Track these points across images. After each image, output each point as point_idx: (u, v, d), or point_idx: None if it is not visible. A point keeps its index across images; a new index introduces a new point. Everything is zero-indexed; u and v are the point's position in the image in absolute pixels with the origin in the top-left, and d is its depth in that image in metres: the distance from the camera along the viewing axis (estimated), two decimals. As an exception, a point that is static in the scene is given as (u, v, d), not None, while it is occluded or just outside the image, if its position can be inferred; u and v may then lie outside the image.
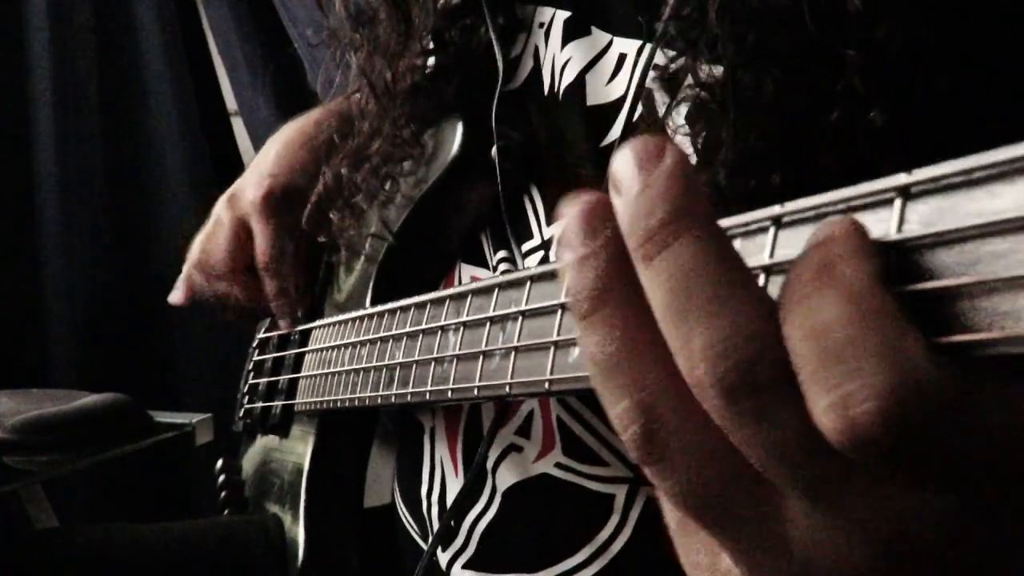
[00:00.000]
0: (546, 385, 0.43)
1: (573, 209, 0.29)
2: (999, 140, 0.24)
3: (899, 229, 0.26)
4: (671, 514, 0.31)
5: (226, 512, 0.95)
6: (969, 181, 0.24)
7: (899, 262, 0.25)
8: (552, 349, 0.43)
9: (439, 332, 0.57)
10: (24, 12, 1.89)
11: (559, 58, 0.65)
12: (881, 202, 0.26)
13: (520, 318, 0.46)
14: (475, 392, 0.51)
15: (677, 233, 0.26)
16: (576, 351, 0.41)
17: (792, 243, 0.29)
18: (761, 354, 0.25)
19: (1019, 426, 0.24)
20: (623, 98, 0.59)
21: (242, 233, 0.91)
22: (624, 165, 0.28)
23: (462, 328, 0.54)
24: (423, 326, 0.59)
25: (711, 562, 0.30)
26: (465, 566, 0.68)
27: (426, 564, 0.68)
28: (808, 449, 0.25)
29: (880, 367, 0.23)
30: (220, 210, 0.93)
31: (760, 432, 0.26)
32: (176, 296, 0.98)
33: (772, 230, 0.30)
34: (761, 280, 0.30)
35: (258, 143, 1.68)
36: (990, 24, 0.44)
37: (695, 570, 0.31)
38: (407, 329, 0.62)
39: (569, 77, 0.63)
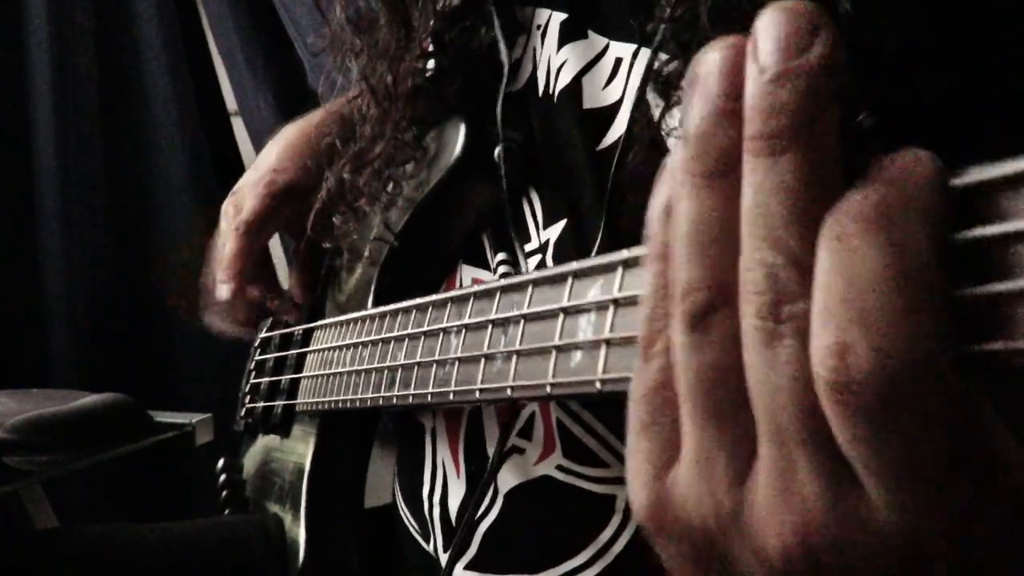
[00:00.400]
0: (547, 389, 0.43)
1: (717, 54, 0.27)
2: (990, 142, 0.23)
3: (975, 224, 0.24)
4: (639, 410, 0.31)
5: (227, 512, 0.95)
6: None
7: (954, 256, 0.24)
8: (554, 353, 0.43)
9: (441, 334, 0.57)
10: (24, 12, 1.89)
11: (555, 60, 0.65)
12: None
13: (522, 321, 0.46)
14: (476, 395, 0.51)
15: (786, 147, 0.25)
16: (578, 355, 0.41)
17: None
18: (798, 292, 0.25)
19: (1009, 464, 0.24)
20: (619, 102, 0.59)
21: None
22: (771, 31, 0.25)
23: (464, 330, 0.54)
24: (425, 328, 0.59)
25: (662, 464, 0.30)
26: (467, 567, 0.68)
27: (445, 573, 0.68)
28: (793, 398, 0.25)
29: (897, 331, 0.22)
30: (224, 210, 0.94)
31: (766, 362, 0.26)
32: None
33: None
34: None
35: (258, 143, 1.68)
36: (981, 25, 0.45)
37: (638, 468, 0.31)
38: (409, 331, 0.62)
39: (565, 80, 0.63)
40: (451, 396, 0.54)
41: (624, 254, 0.39)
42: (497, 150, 0.66)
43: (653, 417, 0.30)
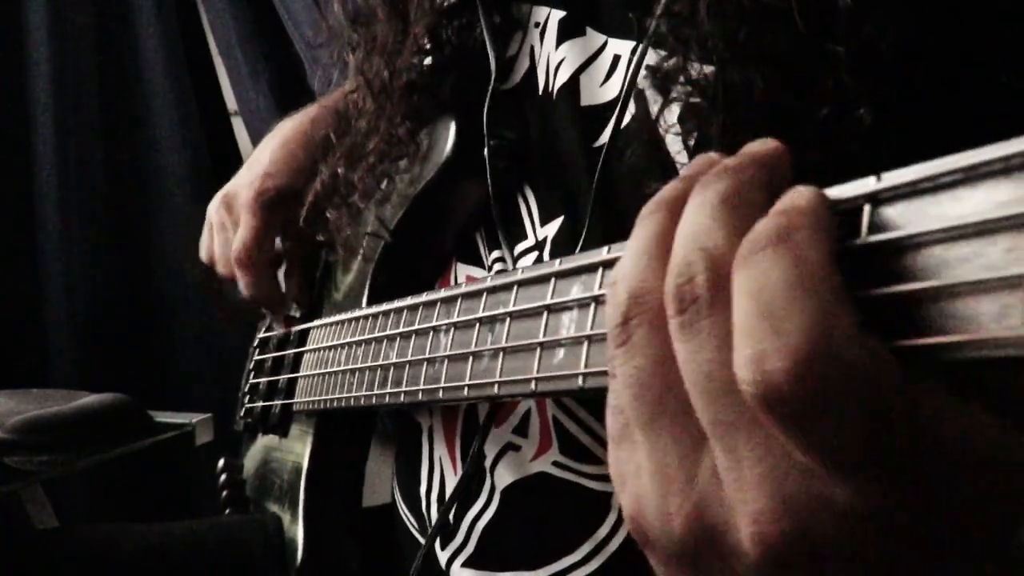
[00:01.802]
0: (532, 385, 0.44)
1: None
2: (986, 136, 0.24)
3: (868, 233, 0.26)
4: (611, 422, 0.32)
5: (227, 512, 0.95)
6: (936, 186, 0.25)
7: (864, 264, 0.26)
8: (538, 350, 0.43)
9: (431, 333, 0.57)
10: (24, 12, 1.89)
11: (553, 58, 0.65)
12: (851, 210, 0.27)
13: (508, 319, 0.47)
14: (464, 392, 0.52)
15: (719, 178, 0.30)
16: (561, 352, 0.42)
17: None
18: (703, 272, 0.28)
19: (950, 439, 0.25)
20: (617, 99, 0.59)
21: (232, 232, 0.91)
22: None
23: (452, 329, 0.54)
24: (415, 327, 0.59)
25: (634, 472, 0.31)
26: (465, 564, 0.68)
27: (423, 557, 0.68)
28: (720, 388, 0.27)
29: (805, 332, 0.24)
30: (212, 211, 0.93)
31: (688, 351, 0.28)
32: None
33: None
34: None
35: (258, 143, 1.67)
36: (978, 21, 0.45)
37: (619, 479, 0.32)
38: (400, 330, 0.62)
39: (563, 77, 0.63)
40: (440, 394, 0.55)
41: (603, 254, 0.40)
42: (487, 148, 0.67)
43: (623, 430, 0.32)
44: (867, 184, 0.27)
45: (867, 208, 0.26)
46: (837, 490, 0.26)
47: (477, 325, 0.51)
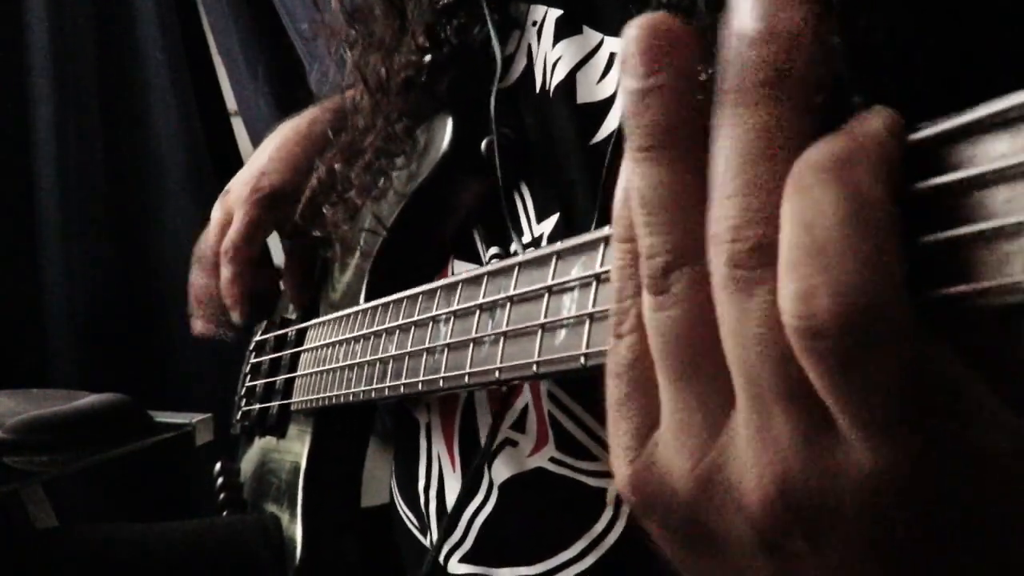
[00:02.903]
0: (534, 368, 0.43)
1: (639, 30, 0.28)
2: None
3: (919, 180, 0.25)
4: (616, 384, 0.31)
5: (225, 513, 0.95)
6: (979, 129, 0.24)
7: (911, 206, 0.25)
8: (539, 332, 0.43)
9: (430, 323, 0.57)
10: (24, 12, 1.89)
11: (550, 56, 0.65)
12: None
13: (508, 304, 0.47)
14: (466, 380, 0.51)
15: (774, 98, 0.26)
16: (563, 334, 0.41)
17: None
18: (758, 224, 0.26)
19: (980, 415, 0.24)
20: (613, 97, 0.59)
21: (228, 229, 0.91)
22: None
23: (452, 318, 0.54)
24: (415, 318, 0.59)
25: (642, 435, 0.30)
26: (463, 559, 0.68)
27: (430, 564, 0.68)
28: (768, 344, 0.26)
29: (856, 271, 0.23)
30: (215, 210, 0.94)
31: (735, 310, 0.26)
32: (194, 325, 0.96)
33: None
34: None
35: (258, 143, 1.67)
36: (974, 12, 0.45)
37: (619, 442, 0.31)
38: (399, 322, 0.62)
39: (560, 75, 0.63)
40: (441, 383, 0.55)
41: (606, 231, 0.40)
42: (484, 144, 0.67)
43: (629, 392, 0.31)
44: (934, 125, 0.25)
45: (934, 148, 0.25)
46: (862, 457, 0.25)
47: (477, 312, 0.51)
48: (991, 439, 0.25)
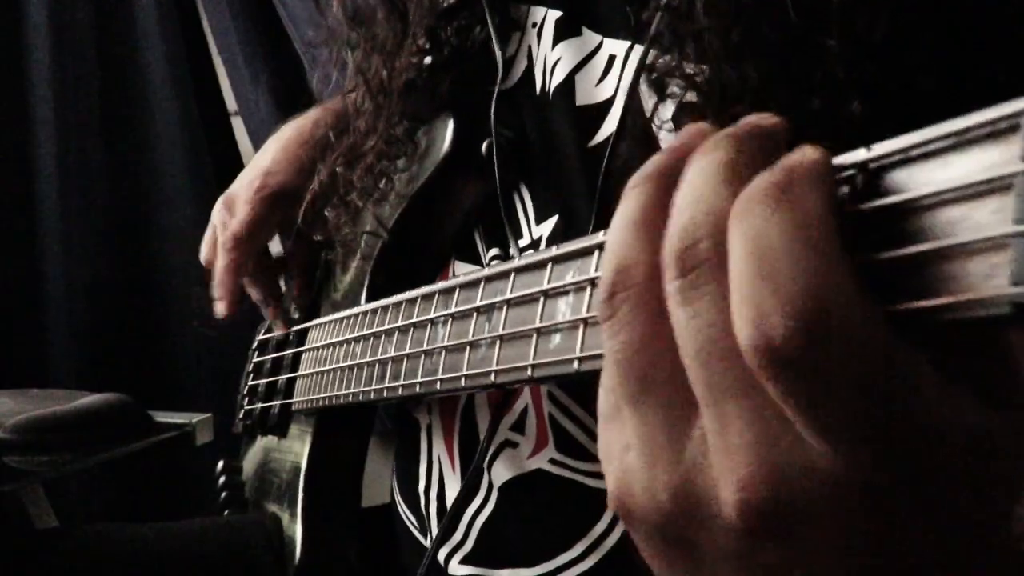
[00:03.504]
0: (528, 371, 0.44)
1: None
2: None
3: (860, 200, 0.27)
4: (602, 401, 0.32)
5: (226, 513, 0.95)
6: (925, 153, 0.25)
7: (855, 231, 0.26)
8: (534, 336, 0.44)
9: (428, 325, 0.57)
10: (24, 12, 1.89)
11: (550, 58, 0.65)
12: (844, 179, 0.27)
13: (505, 307, 0.47)
14: (462, 382, 0.52)
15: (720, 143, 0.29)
16: (557, 337, 0.42)
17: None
18: (704, 238, 0.27)
19: (938, 416, 0.25)
20: (612, 98, 0.59)
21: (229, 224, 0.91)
22: None
23: (450, 320, 0.54)
24: (413, 320, 0.60)
25: (621, 450, 0.31)
26: (463, 561, 0.69)
27: (428, 563, 0.68)
28: (719, 357, 0.27)
29: (807, 292, 0.24)
30: (215, 212, 0.94)
31: (682, 319, 0.28)
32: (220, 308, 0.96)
33: None
34: None
35: (258, 143, 1.68)
36: (969, 12, 0.45)
37: (606, 459, 0.32)
38: (398, 324, 0.62)
39: (559, 77, 0.64)
40: (438, 385, 0.55)
41: (600, 237, 0.40)
42: (484, 145, 0.67)
43: (614, 409, 0.31)
44: (858, 154, 0.27)
45: (859, 177, 0.27)
46: (824, 459, 0.26)
47: (475, 315, 0.51)
48: (947, 436, 0.25)
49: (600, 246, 0.40)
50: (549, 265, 0.44)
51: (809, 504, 0.26)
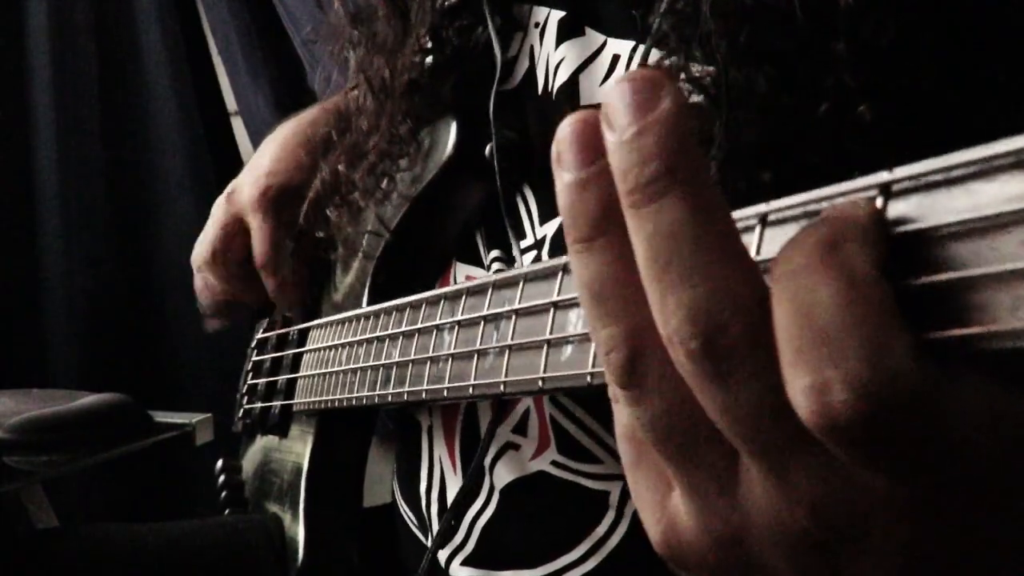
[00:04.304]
0: (539, 383, 0.43)
1: (569, 128, 0.29)
2: (988, 133, 0.24)
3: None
4: (625, 448, 0.31)
5: (227, 512, 0.95)
6: (949, 179, 0.24)
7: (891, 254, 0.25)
8: (545, 347, 0.43)
9: (434, 331, 0.57)
10: (24, 12, 1.89)
11: (553, 58, 0.65)
12: (863, 200, 0.26)
13: (513, 317, 0.47)
14: (470, 391, 0.51)
15: (665, 190, 0.26)
16: (569, 350, 0.41)
17: (778, 241, 0.29)
18: (732, 322, 0.25)
19: (984, 427, 0.24)
20: None
21: (234, 230, 0.91)
22: (619, 100, 0.26)
23: (457, 327, 0.54)
24: (419, 325, 0.59)
25: (661, 497, 0.30)
26: (464, 563, 0.68)
27: (428, 564, 0.68)
28: (769, 419, 0.26)
29: (866, 359, 0.23)
30: (216, 209, 0.94)
31: (720, 397, 0.26)
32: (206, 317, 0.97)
33: (758, 228, 0.30)
34: None
35: (258, 143, 1.67)
36: (978, 19, 0.45)
37: (643, 504, 0.31)
38: (403, 328, 0.62)
39: (563, 77, 0.63)
40: (445, 392, 0.55)
41: None
42: (488, 147, 0.67)
43: (638, 456, 0.31)
44: (880, 176, 0.26)
45: (879, 200, 0.26)
46: (879, 489, 0.26)
47: (482, 323, 0.50)
48: (992, 470, 0.25)
49: None
50: (560, 274, 0.43)
51: (867, 530, 0.26)
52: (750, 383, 0.25)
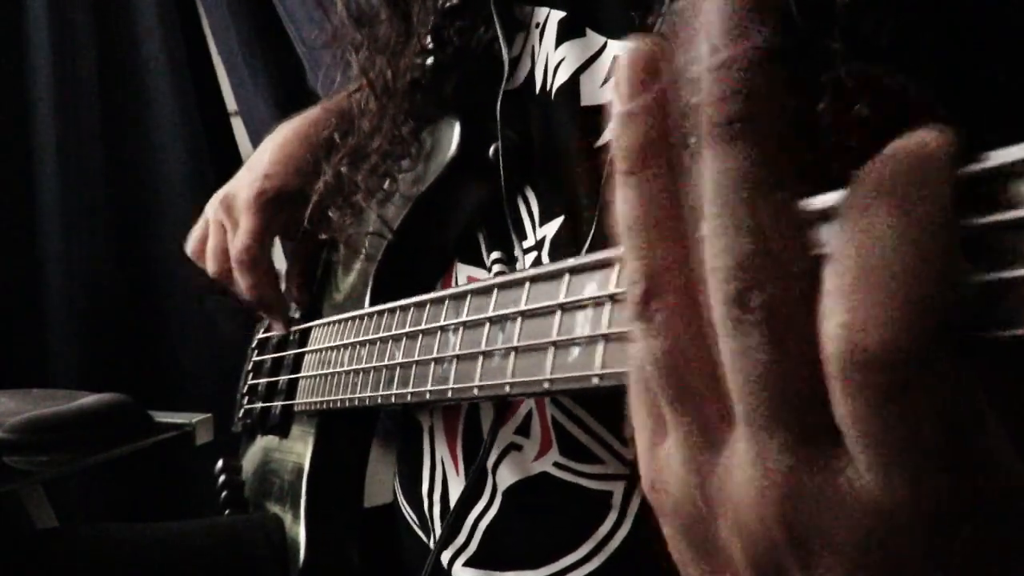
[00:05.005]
0: (545, 385, 0.43)
1: (628, 55, 0.28)
2: (987, 130, 0.23)
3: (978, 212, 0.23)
4: (634, 387, 0.31)
5: (227, 513, 0.95)
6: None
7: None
8: (552, 349, 0.43)
9: (439, 332, 0.57)
10: (24, 12, 1.89)
11: (552, 58, 0.65)
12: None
13: (520, 318, 0.47)
14: (475, 392, 0.51)
15: (745, 131, 0.25)
16: (576, 351, 0.41)
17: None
18: (773, 281, 0.25)
19: (994, 436, 0.24)
20: None
21: (230, 230, 0.91)
22: (716, 16, 0.25)
23: (462, 328, 0.54)
24: (423, 326, 0.59)
25: (655, 439, 0.30)
26: (467, 564, 0.69)
27: (431, 566, 0.68)
28: (774, 381, 0.25)
29: (919, 302, 0.22)
30: (210, 210, 0.94)
31: (735, 344, 0.26)
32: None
33: None
34: None
35: (258, 143, 1.67)
36: (979, 17, 0.45)
37: (640, 444, 0.31)
38: (406, 329, 0.62)
39: (563, 77, 0.63)
40: (450, 393, 0.55)
41: (621, 251, 0.39)
42: (493, 147, 0.67)
43: (644, 392, 0.31)
44: (989, 158, 0.23)
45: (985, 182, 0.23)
46: (868, 486, 0.25)
47: (488, 324, 0.50)
48: (1001, 478, 0.24)
49: (620, 259, 0.39)
50: (566, 276, 0.43)
51: (835, 529, 0.26)
52: (767, 339, 0.25)
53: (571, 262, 0.43)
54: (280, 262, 0.99)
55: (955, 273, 0.22)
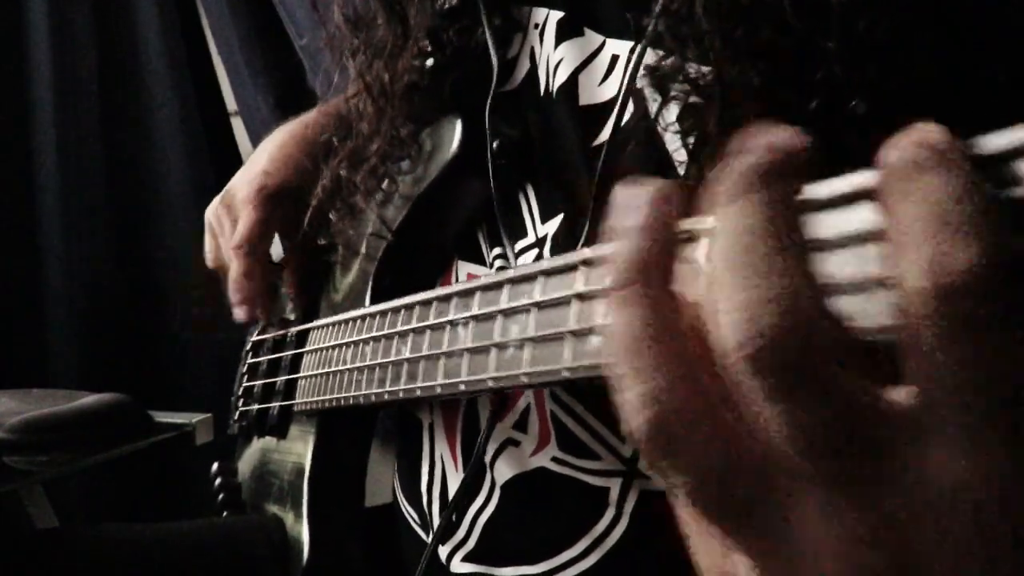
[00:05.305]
0: (564, 373, 0.43)
1: (639, 190, 0.30)
2: (981, 126, 0.23)
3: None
4: (684, 518, 0.30)
5: (225, 514, 0.95)
6: None
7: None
8: (570, 338, 0.42)
9: (448, 327, 0.57)
10: (24, 12, 1.89)
11: (552, 58, 0.65)
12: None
13: (533, 310, 0.46)
14: (489, 383, 0.51)
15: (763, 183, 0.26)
16: (596, 339, 0.41)
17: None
18: (814, 324, 0.25)
19: None
20: (615, 99, 0.59)
21: (228, 225, 0.91)
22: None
23: (471, 322, 0.54)
24: (430, 321, 0.59)
25: (722, 560, 0.29)
26: (465, 559, 0.69)
27: (427, 560, 0.68)
28: (844, 432, 0.25)
29: (987, 245, 0.23)
30: (210, 213, 0.94)
31: (792, 410, 0.25)
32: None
33: None
34: None
35: (258, 143, 1.67)
36: (978, 17, 0.45)
37: (709, 568, 0.30)
38: (413, 325, 0.62)
39: (562, 77, 0.64)
40: (462, 387, 0.54)
41: None
42: (494, 146, 0.67)
43: (694, 523, 0.30)
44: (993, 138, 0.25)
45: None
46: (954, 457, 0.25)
47: (500, 317, 0.50)
48: None
49: None
50: (579, 267, 0.43)
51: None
52: (831, 392, 0.25)
53: (585, 254, 0.42)
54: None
55: (1004, 235, 0.23)
